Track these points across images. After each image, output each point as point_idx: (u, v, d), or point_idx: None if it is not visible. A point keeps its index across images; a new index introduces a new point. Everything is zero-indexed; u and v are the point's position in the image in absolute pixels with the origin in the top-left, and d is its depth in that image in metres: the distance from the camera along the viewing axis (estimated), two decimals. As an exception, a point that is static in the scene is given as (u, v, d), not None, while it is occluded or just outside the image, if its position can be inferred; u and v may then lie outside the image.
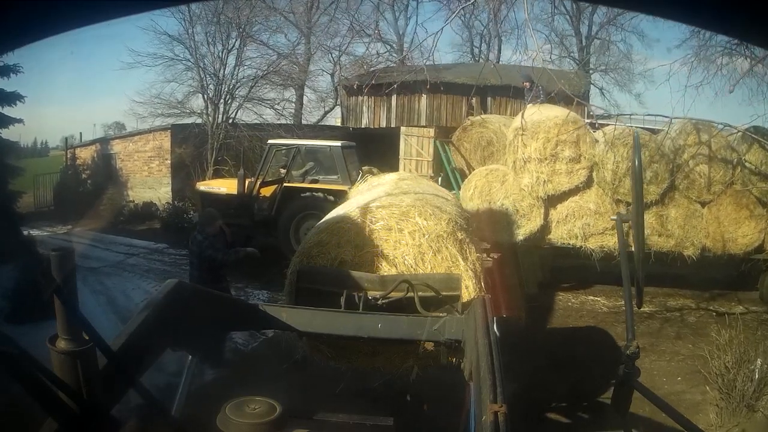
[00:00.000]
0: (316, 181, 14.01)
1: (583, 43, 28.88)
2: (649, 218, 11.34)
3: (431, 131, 22.87)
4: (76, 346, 2.08)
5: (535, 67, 21.05)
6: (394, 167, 22.99)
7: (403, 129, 23.21)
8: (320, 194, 13.49)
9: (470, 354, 3.35)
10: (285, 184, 13.97)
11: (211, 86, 21.33)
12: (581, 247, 11.68)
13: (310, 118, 26.03)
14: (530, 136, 11.66)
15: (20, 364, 1.84)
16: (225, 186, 14.39)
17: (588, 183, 11.74)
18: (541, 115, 11.77)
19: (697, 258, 11.52)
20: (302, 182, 14.04)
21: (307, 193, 13.66)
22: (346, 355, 5.36)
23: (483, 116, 15.87)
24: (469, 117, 22.47)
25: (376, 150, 18.40)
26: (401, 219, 5.27)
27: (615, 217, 7.25)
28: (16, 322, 8.54)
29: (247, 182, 13.82)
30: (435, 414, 6.08)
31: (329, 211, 12.89)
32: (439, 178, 23.80)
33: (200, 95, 21.39)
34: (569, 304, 12.15)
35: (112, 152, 22.44)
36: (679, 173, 11.57)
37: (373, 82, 16.89)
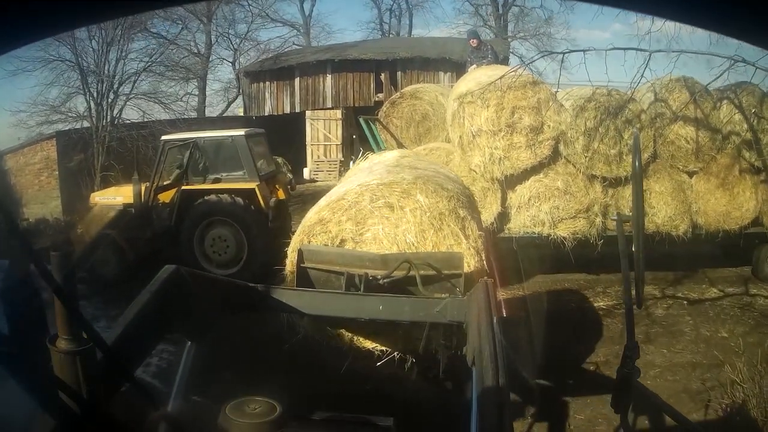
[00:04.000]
0: (218, 180, 10.85)
1: (500, 11, 26.70)
2: (630, 195, 8.87)
3: (338, 113, 21.45)
4: (76, 346, 1.87)
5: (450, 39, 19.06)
6: (300, 154, 20.88)
7: (308, 113, 21.49)
8: (224, 196, 10.56)
9: (473, 338, 3.14)
10: (183, 187, 10.82)
11: (94, 85, 18.39)
12: (549, 235, 9.10)
13: (214, 111, 23.35)
14: (479, 103, 9.01)
15: (20, 364, 1.76)
16: (121, 195, 11.12)
17: (554, 157, 9.19)
18: (491, 77, 9.01)
19: (689, 237, 9.31)
20: (203, 183, 10.83)
21: (210, 196, 10.62)
22: (347, 334, 5.10)
23: (416, 86, 12.95)
24: (378, 94, 20.52)
25: (281, 138, 15.79)
26: (402, 196, 4.97)
27: (615, 217, 6.58)
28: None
29: (142, 188, 10.71)
30: (435, 414, 5.37)
31: (237, 216, 10.18)
32: (351, 162, 21.54)
33: (82, 96, 18.45)
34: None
35: (5, 168, 19.03)
36: (661, 139, 9.31)
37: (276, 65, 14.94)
